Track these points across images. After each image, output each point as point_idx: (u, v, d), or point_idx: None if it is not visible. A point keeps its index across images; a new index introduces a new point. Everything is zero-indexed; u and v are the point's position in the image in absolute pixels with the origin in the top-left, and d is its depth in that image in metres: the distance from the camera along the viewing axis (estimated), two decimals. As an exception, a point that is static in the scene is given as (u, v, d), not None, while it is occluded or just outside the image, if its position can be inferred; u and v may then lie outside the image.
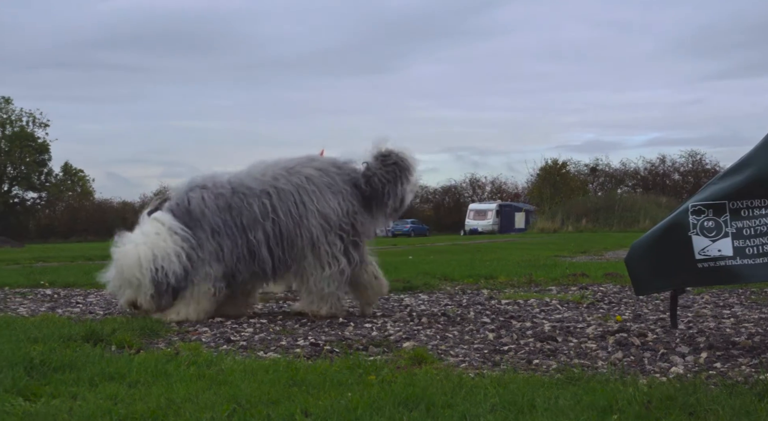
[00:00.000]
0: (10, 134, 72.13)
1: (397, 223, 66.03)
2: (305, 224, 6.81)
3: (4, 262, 18.16)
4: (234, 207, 6.79)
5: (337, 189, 6.94)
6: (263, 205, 6.79)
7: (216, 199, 6.79)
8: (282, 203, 6.82)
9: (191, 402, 3.58)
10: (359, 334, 5.91)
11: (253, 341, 5.67)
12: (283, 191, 6.85)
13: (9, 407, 3.53)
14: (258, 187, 6.86)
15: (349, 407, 3.43)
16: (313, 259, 6.83)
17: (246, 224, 6.77)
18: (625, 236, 35.38)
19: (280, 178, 6.92)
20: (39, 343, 5.07)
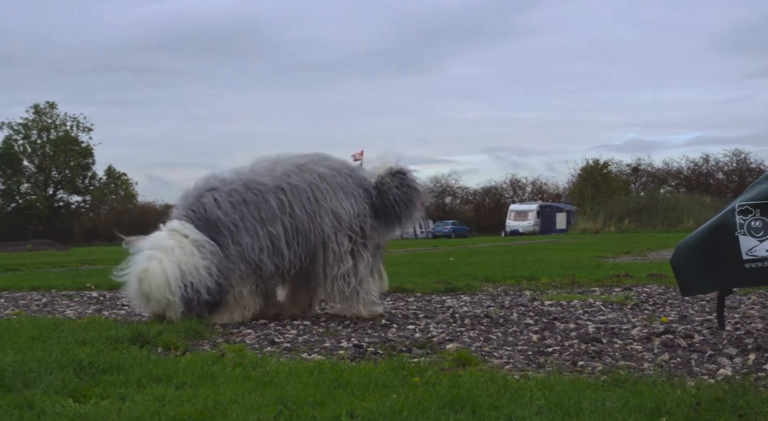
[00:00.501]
0: (55, 139, 73.19)
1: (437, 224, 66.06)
2: (318, 221, 6.85)
3: (50, 265, 18.44)
4: (249, 201, 6.75)
5: (349, 190, 6.99)
6: (279, 201, 6.80)
7: (229, 197, 6.74)
8: (296, 199, 6.84)
9: (238, 403, 3.61)
10: (402, 336, 5.91)
11: (296, 342, 5.69)
12: (296, 188, 6.86)
13: (60, 408, 3.58)
14: (272, 183, 6.86)
15: (395, 408, 3.44)
16: (323, 257, 6.88)
17: (264, 218, 6.75)
18: (668, 236, 35.01)
19: (292, 174, 6.93)
20: (87, 345, 5.13)
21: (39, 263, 19.22)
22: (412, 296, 9.01)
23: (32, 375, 4.13)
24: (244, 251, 6.68)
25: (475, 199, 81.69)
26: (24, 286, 10.94)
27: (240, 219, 6.71)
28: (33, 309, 8.20)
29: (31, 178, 74.18)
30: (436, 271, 12.98)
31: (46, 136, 73.59)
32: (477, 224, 75.23)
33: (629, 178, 76.11)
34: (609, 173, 73.50)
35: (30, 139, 73.71)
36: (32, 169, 73.99)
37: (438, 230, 64.45)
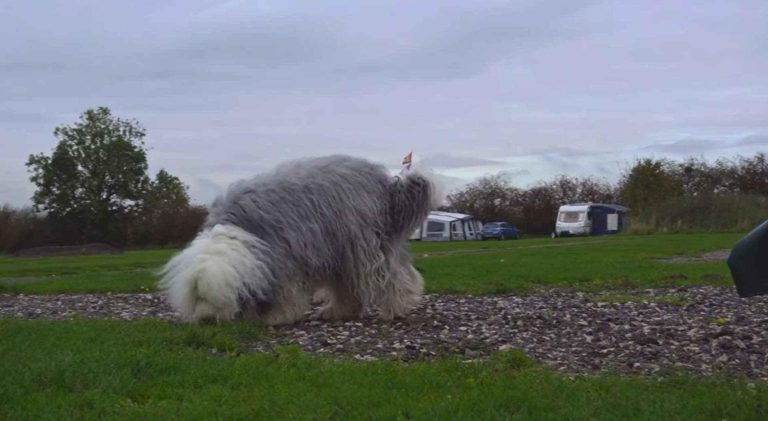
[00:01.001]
0: (108, 144, 74.27)
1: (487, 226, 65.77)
2: (344, 219, 6.90)
3: (105, 268, 18.73)
4: (288, 200, 6.81)
5: (371, 188, 7.07)
6: (310, 200, 6.86)
7: (267, 196, 6.79)
8: (323, 198, 6.89)
9: (293, 404, 3.63)
10: (454, 337, 5.90)
11: (349, 344, 5.71)
12: (322, 187, 6.92)
13: (119, 408, 3.64)
14: (300, 183, 6.91)
15: (450, 409, 3.43)
16: (352, 255, 6.93)
17: (303, 215, 6.80)
18: (722, 237, 34.45)
19: (316, 176, 6.98)
20: (144, 346, 5.20)
21: (94, 266, 19.54)
22: (463, 297, 8.98)
23: (91, 376, 4.20)
24: (291, 248, 6.71)
25: (524, 201, 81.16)
26: (80, 289, 11.12)
27: (282, 216, 6.75)
28: (90, 311, 8.34)
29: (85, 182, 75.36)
30: (487, 272, 12.93)
31: (100, 142, 74.70)
32: (527, 225, 74.75)
33: (682, 178, 75.06)
34: (661, 174, 72.59)
35: (84, 144, 74.88)
36: (86, 174, 75.16)
37: (487, 231, 64.16)
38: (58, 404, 3.66)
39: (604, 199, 76.53)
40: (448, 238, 61.65)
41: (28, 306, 9.00)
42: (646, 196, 65.93)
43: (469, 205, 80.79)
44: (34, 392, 3.90)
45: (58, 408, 3.59)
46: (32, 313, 8.23)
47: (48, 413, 3.52)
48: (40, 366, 4.39)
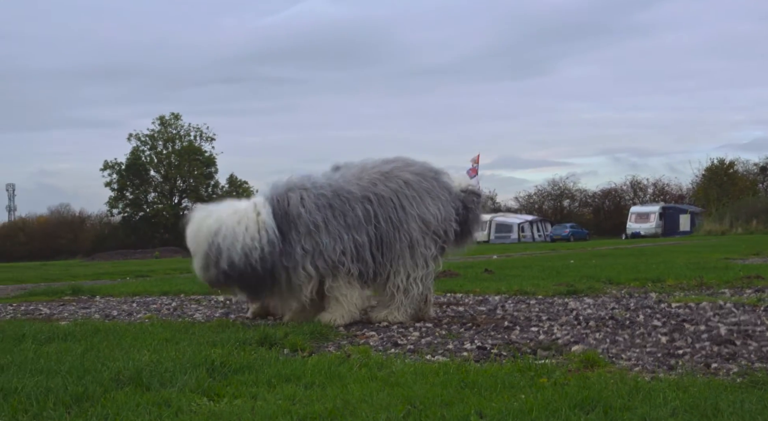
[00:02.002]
0: (180, 149, 75.49)
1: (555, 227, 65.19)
2: (405, 228, 6.89)
3: (177, 271, 19.04)
4: (336, 207, 6.81)
5: (436, 194, 7.04)
6: (366, 211, 6.85)
7: (316, 199, 6.80)
8: (382, 210, 6.88)
9: (366, 403, 3.64)
10: (525, 338, 5.85)
11: (419, 344, 5.71)
12: (382, 198, 6.90)
13: (195, 406, 3.70)
14: (359, 192, 6.90)
15: (524, 409, 3.41)
16: (410, 260, 6.92)
17: (351, 224, 6.80)
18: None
19: (378, 183, 6.95)
20: (217, 346, 5.28)
21: (167, 269, 19.89)
22: (534, 298, 8.92)
23: (168, 375, 4.27)
24: (323, 251, 6.72)
25: (594, 202, 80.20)
26: (154, 291, 11.32)
27: (322, 221, 6.75)
28: (164, 313, 8.48)
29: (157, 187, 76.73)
30: (557, 274, 12.82)
31: (171, 147, 75.95)
32: (596, 226, 73.86)
33: (757, 177, 73.36)
34: (735, 173, 71.08)
35: (156, 149, 76.23)
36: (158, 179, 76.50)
37: (556, 233, 63.52)
38: (136, 402, 3.74)
39: (676, 199, 75.17)
40: (516, 240, 61.22)
41: (105, 308, 9.20)
42: (719, 196, 64.57)
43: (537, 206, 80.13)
44: (113, 391, 3.98)
45: (137, 406, 3.67)
46: (108, 315, 8.40)
47: (127, 411, 3.59)
48: (118, 365, 4.49)
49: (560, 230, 64.28)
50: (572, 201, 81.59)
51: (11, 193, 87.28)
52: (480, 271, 14.22)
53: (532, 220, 67.45)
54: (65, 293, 11.45)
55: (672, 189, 78.52)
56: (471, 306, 8.17)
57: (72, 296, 11.11)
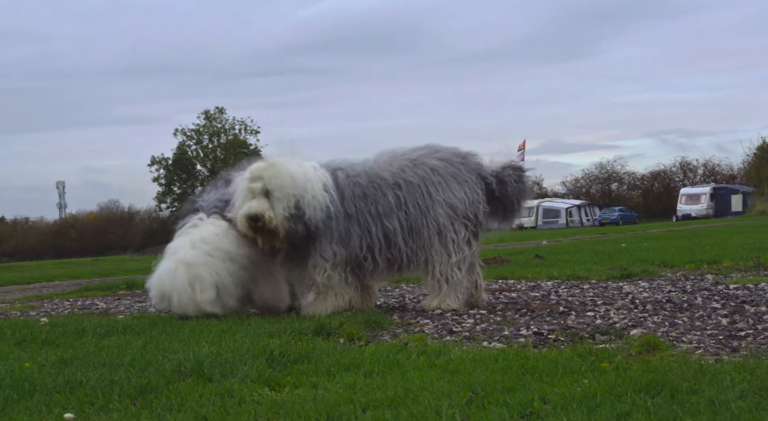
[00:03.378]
0: (225, 142, 76.09)
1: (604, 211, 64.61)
2: (431, 214, 6.86)
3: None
4: (369, 196, 6.80)
5: (462, 178, 6.99)
6: (397, 197, 6.85)
7: (353, 187, 6.80)
8: (410, 196, 6.86)
9: (427, 390, 3.64)
10: (582, 322, 5.81)
11: (475, 331, 5.69)
12: (411, 184, 6.89)
13: (257, 396, 3.72)
14: (391, 178, 6.89)
15: (587, 393, 3.38)
16: (439, 246, 6.88)
17: (382, 212, 6.79)
18: None
19: (406, 169, 6.95)
20: (275, 337, 5.31)
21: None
22: (587, 283, 8.84)
23: (228, 366, 4.31)
24: (350, 240, 6.72)
25: (642, 185, 79.30)
26: (207, 283, 11.40)
27: (355, 211, 6.75)
28: (218, 305, 8.54)
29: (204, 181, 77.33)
30: (609, 257, 12.70)
31: (217, 141, 76.59)
32: (645, 209, 73.06)
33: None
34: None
35: (202, 143, 76.94)
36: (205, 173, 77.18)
37: (605, 216, 62.90)
38: (199, 393, 3.78)
39: (727, 179, 74.00)
40: (564, 225, 60.78)
41: (160, 301, 9.30)
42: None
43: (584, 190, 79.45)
44: (175, 382, 4.03)
45: (200, 397, 3.70)
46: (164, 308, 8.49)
47: (191, 401, 3.63)
48: (179, 357, 4.54)
49: (609, 213, 63.64)
50: (620, 184, 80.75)
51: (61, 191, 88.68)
52: (530, 256, 14.14)
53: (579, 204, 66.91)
54: (119, 288, 11.61)
55: (722, 169, 77.38)
56: (524, 292, 8.13)
57: (126, 291, 11.26)
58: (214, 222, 6.86)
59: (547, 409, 3.24)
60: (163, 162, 75.83)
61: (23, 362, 4.69)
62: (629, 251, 14.45)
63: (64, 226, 74.09)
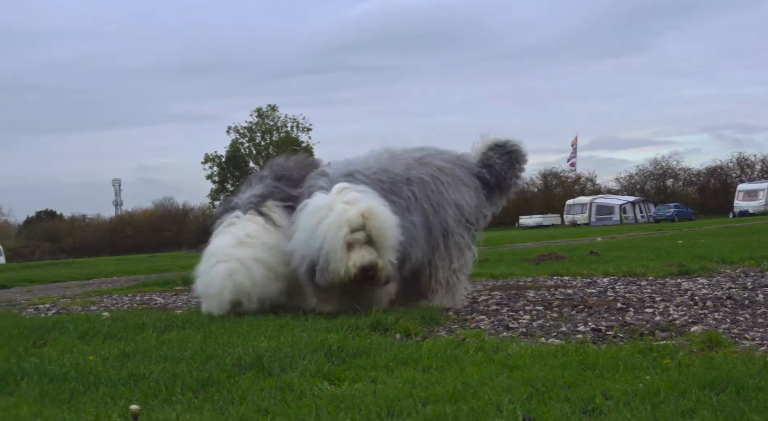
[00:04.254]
0: (277, 140, 76.60)
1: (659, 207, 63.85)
2: (441, 213, 6.79)
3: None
4: (393, 191, 6.68)
5: (468, 182, 6.97)
6: (412, 193, 6.76)
7: (380, 185, 6.63)
8: (422, 192, 6.77)
9: (486, 385, 3.63)
10: (641, 319, 5.75)
11: (531, 327, 5.66)
12: (422, 180, 6.80)
13: (317, 390, 3.75)
14: (402, 174, 6.79)
15: (650, 390, 3.35)
16: (444, 250, 6.82)
17: (405, 207, 6.67)
18: None
19: (414, 168, 6.84)
20: (332, 332, 5.33)
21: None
22: (644, 279, 8.75)
23: (287, 360, 4.35)
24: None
25: (698, 181, 78.11)
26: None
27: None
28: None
29: (256, 179, 78.01)
30: (666, 254, 12.54)
31: (269, 138, 77.16)
32: (702, 206, 71.92)
33: None
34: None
35: (254, 141, 77.57)
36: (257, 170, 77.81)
37: (660, 213, 62.09)
38: (260, 386, 3.82)
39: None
40: (618, 221, 60.14)
41: (217, 297, 9.40)
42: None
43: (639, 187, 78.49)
44: (236, 376, 4.08)
45: (261, 391, 3.74)
46: (221, 303, 8.58)
47: (252, 395, 3.67)
48: (239, 351, 4.59)
49: (664, 210, 62.81)
50: (676, 180, 79.62)
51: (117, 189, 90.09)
52: (585, 253, 14.01)
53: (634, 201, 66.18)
54: (176, 284, 11.75)
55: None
56: (580, 288, 8.07)
57: (183, 286, 11.40)
58: (251, 219, 6.87)
59: (609, 405, 3.21)
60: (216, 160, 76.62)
61: (87, 355, 4.78)
62: (686, 247, 14.25)
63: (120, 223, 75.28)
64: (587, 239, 24.54)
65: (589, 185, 78.72)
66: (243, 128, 77.42)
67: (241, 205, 7.02)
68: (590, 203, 63.36)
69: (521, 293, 7.82)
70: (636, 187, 78.67)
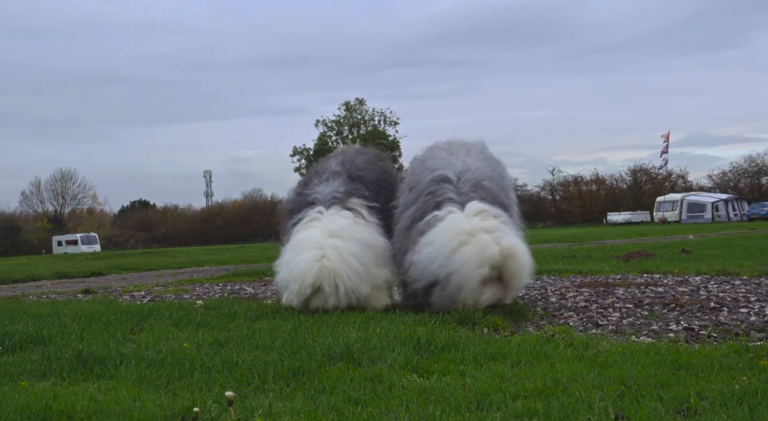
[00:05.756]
0: (365, 133, 76.93)
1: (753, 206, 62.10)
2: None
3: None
4: (506, 204, 6.72)
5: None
6: (511, 201, 6.86)
7: (495, 197, 6.68)
8: (511, 194, 6.91)
9: (577, 382, 3.61)
10: (735, 319, 5.62)
11: (621, 325, 5.59)
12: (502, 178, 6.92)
13: (406, 382, 3.78)
14: (498, 178, 6.86)
15: (747, 391, 3.28)
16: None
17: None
18: None
19: (494, 168, 6.92)
20: (420, 325, 5.36)
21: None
22: (738, 279, 8.53)
23: (376, 351, 4.39)
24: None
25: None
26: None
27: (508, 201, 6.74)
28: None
29: (343, 172, 78.54)
30: (761, 253, 12.20)
31: (357, 132, 77.55)
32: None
33: None
34: None
35: (342, 134, 78.03)
36: (346, 164, 78.24)
37: (754, 211, 60.25)
38: (350, 377, 3.87)
39: None
40: (710, 219, 58.62)
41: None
42: None
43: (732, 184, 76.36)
44: (326, 366, 4.14)
45: (351, 381, 3.79)
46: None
47: (343, 385, 3.72)
48: (329, 342, 4.65)
49: (758, 208, 60.92)
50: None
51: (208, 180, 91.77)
52: (676, 251, 13.73)
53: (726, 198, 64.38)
54: (265, 274, 11.95)
55: None
56: (671, 287, 7.91)
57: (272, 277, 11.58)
58: (339, 213, 6.68)
59: (705, 405, 3.16)
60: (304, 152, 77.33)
61: (182, 342, 4.91)
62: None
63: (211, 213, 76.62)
64: (678, 236, 24.02)
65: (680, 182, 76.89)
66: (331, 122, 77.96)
67: (321, 200, 6.82)
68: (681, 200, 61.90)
69: (610, 290, 7.72)
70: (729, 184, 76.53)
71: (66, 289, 11.90)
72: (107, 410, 3.38)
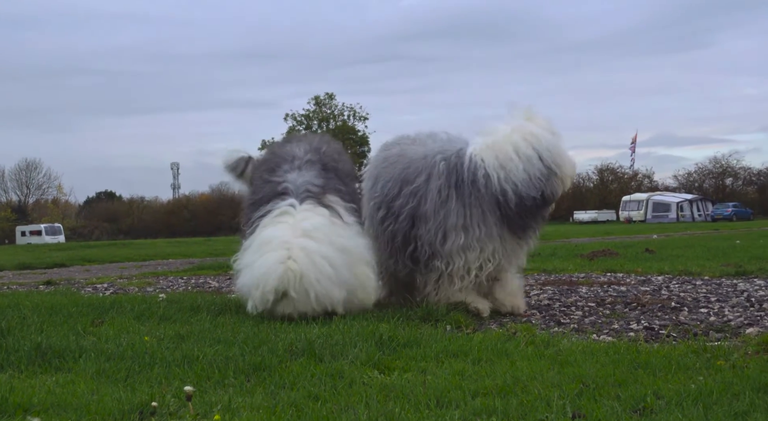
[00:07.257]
0: (334, 128, 76.78)
1: (717, 207, 62.83)
2: None
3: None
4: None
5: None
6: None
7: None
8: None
9: (536, 380, 3.63)
10: (695, 319, 5.68)
11: (583, 323, 5.64)
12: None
13: (367, 378, 3.78)
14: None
15: (702, 391, 3.32)
16: None
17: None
18: None
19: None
20: (383, 321, 5.35)
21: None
22: (700, 279, 8.63)
23: (338, 347, 4.39)
24: None
25: (759, 180, 76.45)
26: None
27: None
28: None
29: (312, 166, 78.27)
30: (723, 254, 12.35)
31: (326, 126, 77.34)
32: (761, 206, 70.38)
33: None
34: None
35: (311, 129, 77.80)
36: (314, 159, 77.96)
37: (718, 212, 61.01)
38: (311, 373, 3.86)
39: None
40: (674, 219, 59.24)
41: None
42: None
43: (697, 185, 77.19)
44: (287, 361, 4.12)
45: (312, 377, 3.78)
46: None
47: (303, 380, 3.71)
48: (291, 337, 4.64)
49: (722, 209, 61.69)
50: (735, 179, 78.06)
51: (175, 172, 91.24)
52: (640, 250, 13.87)
53: (691, 199, 65.09)
54: (231, 268, 11.86)
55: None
56: (633, 286, 7.99)
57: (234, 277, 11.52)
58: (313, 209, 5.90)
59: (661, 404, 3.19)
60: (272, 146, 77.06)
61: (143, 335, 4.88)
62: (744, 247, 14.02)
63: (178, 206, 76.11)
64: (642, 236, 24.26)
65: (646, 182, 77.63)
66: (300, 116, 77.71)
67: (293, 191, 6.03)
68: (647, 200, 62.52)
69: (573, 289, 7.78)
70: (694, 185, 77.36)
71: (28, 280, 11.77)
72: (64, 404, 3.34)
